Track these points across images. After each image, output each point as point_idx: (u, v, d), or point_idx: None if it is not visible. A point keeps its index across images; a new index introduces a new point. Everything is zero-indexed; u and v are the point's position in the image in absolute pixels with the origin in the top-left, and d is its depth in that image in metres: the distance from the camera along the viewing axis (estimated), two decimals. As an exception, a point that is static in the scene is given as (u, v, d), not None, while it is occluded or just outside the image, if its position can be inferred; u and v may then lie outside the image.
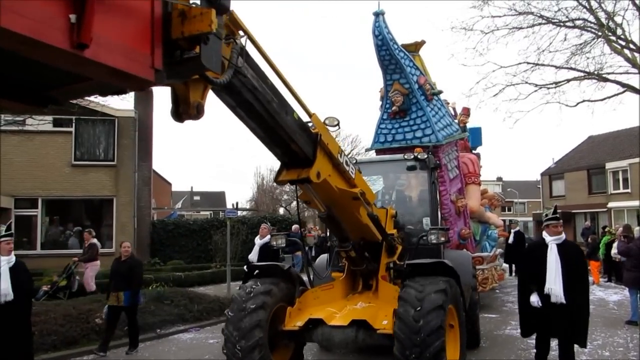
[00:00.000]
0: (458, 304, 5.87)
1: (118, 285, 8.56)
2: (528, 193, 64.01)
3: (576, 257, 6.51)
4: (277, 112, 4.30)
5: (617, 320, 10.67)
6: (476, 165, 12.61)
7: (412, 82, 10.22)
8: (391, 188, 9.12)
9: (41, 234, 19.50)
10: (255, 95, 3.99)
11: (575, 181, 38.85)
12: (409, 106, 10.39)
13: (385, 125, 10.75)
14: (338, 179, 5.36)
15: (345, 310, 6.17)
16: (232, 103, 4.04)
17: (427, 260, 6.09)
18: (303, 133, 4.77)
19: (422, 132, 10.44)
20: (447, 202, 10.32)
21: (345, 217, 5.92)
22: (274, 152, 4.89)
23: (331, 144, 5.14)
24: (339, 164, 5.31)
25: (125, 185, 20.01)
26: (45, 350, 8.43)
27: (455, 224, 10.36)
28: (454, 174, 11.05)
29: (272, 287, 5.99)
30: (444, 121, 11.01)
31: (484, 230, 12.95)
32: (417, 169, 8.04)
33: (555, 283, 6.17)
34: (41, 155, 19.00)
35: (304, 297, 6.29)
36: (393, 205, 8.09)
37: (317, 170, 4.87)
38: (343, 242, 6.27)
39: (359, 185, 5.73)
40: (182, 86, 3.31)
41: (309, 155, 4.86)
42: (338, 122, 5.19)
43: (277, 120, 4.32)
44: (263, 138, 4.61)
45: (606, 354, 8.04)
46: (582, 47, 19.21)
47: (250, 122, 4.35)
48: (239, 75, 3.71)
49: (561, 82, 20.01)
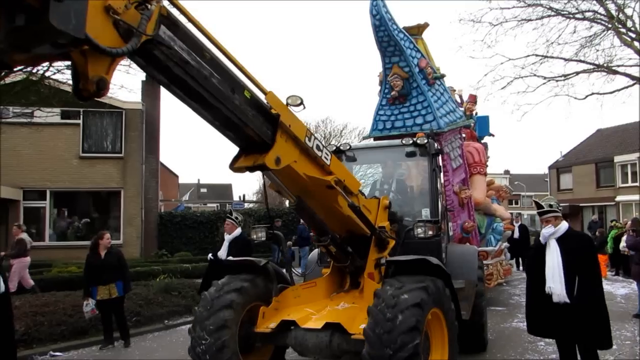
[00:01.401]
0: (445, 307, 5.19)
1: (109, 277, 8.30)
2: (535, 186, 63.78)
3: (582, 248, 5.71)
4: (219, 89, 3.81)
5: (624, 314, 10.63)
6: (482, 155, 11.95)
7: (413, 65, 9.61)
8: (391, 177, 8.33)
9: (49, 226, 19.65)
10: (187, 71, 3.52)
11: (583, 174, 38.71)
12: (409, 91, 9.83)
13: (384, 111, 10.17)
14: (307, 165, 4.82)
15: (325, 311, 5.62)
16: (163, 80, 3.59)
17: (407, 257, 5.48)
18: (258, 114, 4.23)
19: (423, 118, 9.89)
20: (450, 194, 9.78)
21: (320, 208, 5.38)
22: (227, 136, 4.40)
23: (295, 126, 4.56)
24: (308, 148, 4.73)
25: (133, 177, 20.09)
26: (55, 340, 8.51)
27: (459, 217, 9.86)
28: (457, 164, 10.39)
29: (244, 284, 5.45)
30: (447, 107, 10.42)
31: (490, 223, 12.32)
32: (417, 156, 7.39)
33: (555, 281, 5.56)
34: (49, 147, 19.11)
35: (283, 296, 5.72)
36: (391, 196, 7.70)
37: (277, 156, 4.35)
38: (321, 236, 5.68)
39: (336, 173, 5.14)
40: (81, 58, 2.89)
41: (267, 139, 4.33)
42: (302, 101, 4.52)
43: (219, 99, 3.84)
44: (210, 121, 4.12)
45: (614, 347, 8.00)
46: (591, 39, 19.02)
47: (190, 103, 3.86)
48: (162, 47, 3.28)
49: (570, 75, 19.86)
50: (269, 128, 4.34)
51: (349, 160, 7.81)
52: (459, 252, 7.46)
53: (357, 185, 5.72)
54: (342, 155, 7.77)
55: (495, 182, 14.38)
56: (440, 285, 5.07)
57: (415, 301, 4.58)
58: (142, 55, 3.28)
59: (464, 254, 7.47)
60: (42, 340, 8.39)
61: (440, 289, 5.03)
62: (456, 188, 10.04)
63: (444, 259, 6.92)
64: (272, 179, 4.90)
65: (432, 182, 7.24)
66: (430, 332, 5.06)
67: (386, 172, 8.46)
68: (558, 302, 5.53)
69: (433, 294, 4.85)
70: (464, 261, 7.20)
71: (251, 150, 4.43)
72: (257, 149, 4.37)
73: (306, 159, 4.80)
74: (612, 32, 18.62)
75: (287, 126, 4.45)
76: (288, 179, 4.87)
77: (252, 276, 5.66)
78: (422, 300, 4.61)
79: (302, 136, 4.64)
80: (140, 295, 10.65)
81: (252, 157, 4.41)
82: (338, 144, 7.87)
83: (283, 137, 4.45)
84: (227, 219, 8.87)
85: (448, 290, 5.28)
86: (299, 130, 4.62)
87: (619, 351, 7.75)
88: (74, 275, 12.83)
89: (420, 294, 4.67)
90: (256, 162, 4.35)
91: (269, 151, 4.30)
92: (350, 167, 7.70)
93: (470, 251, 7.77)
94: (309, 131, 4.78)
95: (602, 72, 19.51)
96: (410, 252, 6.03)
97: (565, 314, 5.51)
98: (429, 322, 4.95)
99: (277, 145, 4.36)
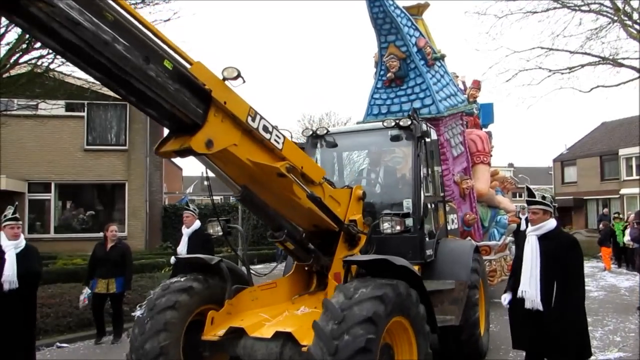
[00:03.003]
0: (412, 314, 4.50)
1: (109, 271, 8.14)
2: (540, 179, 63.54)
3: (565, 251, 4.94)
4: (126, 58, 3.21)
5: (628, 306, 10.64)
6: (485, 143, 11.06)
7: (410, 45, 8.91)
8: (377, 164, 7.32)
9: (54, 218, 19.73)
10: (79, 34, 2.98)
11: (588, 167, 38.61)
12: (407, 72, 9.15)
13: (380, 94, 9.50)
14: (252, 149, 4.19)
15: (281, 317, 4.95)
16: (54, 46, 3.10)
17: (366, 257, 4.94)
18: (183, 88, 3.62)
19: (421, 102, 9.21)
20: (450, 184, 9.29)
21: (275, 200, 4.75)
22: (150, 115, 3.84)
23: (233, 103, 3.93)
24: (251, 129, 4.10)
25: (137, 169, 20.13)
26: (61, 331, 8.58)
27: (459, 208, 9.31)
28: (459, 151, 9.84)
29: (192, 284, 4.88)
30: (447, 90, 9.70)
31: (493, 216, 11.53)
32: (403, 139, 6.47)
33: (530, 284, 4.89)
34: (54, 139, 19.14)
35: (239, 298, 5.04)
36: (377, 185, 7.03)
37: (207, 138, 3.75)
38: (276, 231, 4.98)
39: (290, 158, 4.48)
40: None
41: (198, 118, 3.74)
42: (239, 74, 3.83)
43: (127, 69, 3.24)
44: (124, 96, 3.53)
45: (617, 339, 8.03)
46: (597, 31, 18.93)
47: (94, 73, 3.31)
48: (39, 3, 2.78)
49: (575, 67, 19.79)
50: (199, 106, 3.74)
51: (329, 146, 7.06)
52: (451, 248, 6.72)
53: (319, 172, 5.00)
54: (321, 141, 7.06)
55: (499, 172, 13.39)
56: (403, 289, 4.38)
57: (367, 315, 3.92)
58: (21, 15, 2.83)
59: (456, 251, 6.69)
60: (48, 332, 8.47)
61: (403, 295, 4.36)
62: (457, 178, 9.55)
63: (431, 256, 6.33)
64: (209, 166, 4.25)
65: (415, 170, 6.31)
66: (394, 344, 4.51)
67: (372, 158, 7.50)
68: (530, 308, 4.88)
69: (392, 302, 4.20)
70: (456, 259, 6.48)
71: (181, 131, 3.82)
72: (187, 131, 3.77)
73: (250, 142, 4.18)
74: (617, 24, 18.52)
75: (222, 103, 3.83)
76: (229, 166, 4.26)
77: (205, 275, 5.09)
78: (375, 314, 3.95)
79: (242, 115, 4.02)
80: (145, 287, 10.69)
81: (180, 140, 3.81)
82: None
83: (218, 117, 3.85)
84: (185, 211, 8.21)
85: (416, 294, 4.59)
86: (239, 108, 4.00)
87: (623, 343, 7.77)
88: (79, 268, 12.89)
89: (374, 306, 4.00)
90: (183, 145, 3.75)
91: (198, 132, 3.71)
92: (332, 154, 7.20)
93: (465, 247, 6.86)
94: (253, 109, 4.13)
95: (607, 64, 19.43)
96: (386, 248, 5.46)
97: (537, 323, 4.88)
98: (392, 334, 4.44)
99: (209, 126, 3.77)
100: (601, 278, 15.32)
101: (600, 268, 17.38)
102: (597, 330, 8.53)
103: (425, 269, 6.30)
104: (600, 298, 11.87)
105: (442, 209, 7.26)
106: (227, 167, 4.27)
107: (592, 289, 13.07)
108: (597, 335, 8.17)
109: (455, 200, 9.21)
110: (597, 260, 18.82)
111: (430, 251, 6.33)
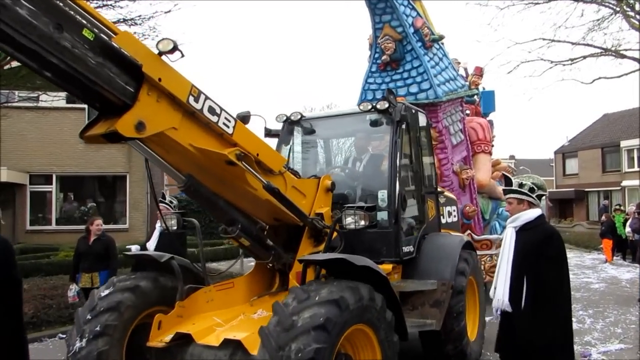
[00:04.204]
0: (375, 321, 4.03)
1: (92, 265, 7.79)
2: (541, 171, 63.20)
3: (541, 245, 4.27)
4: (31, 24, 2.79)
5: (629, 298, 10.66)
6: (487, 132, 10.44)
7: (407, 25, 8.32)
8: (357, 152, 6.62)
9: (56, 210, 19.76)
10: None
11: (589, 159, 38.54)
12: (403, 55, 8.54)
13: (374, 79, 8.86)
14: (195, 133, 3.71)
15: (235, 321, 4.47)
16: None
17: (322, 256, 4.49)
18: (108, 62, 3.15)
19: (418, 86, 8.58)
20: (449, 173, 8.85)
21: (224, 191, 4.29)
22: (73, 94, 3.43)
23: (171, 80, 3.44)
24: (195, 111, 3.62)
25: (138, 161, 20.09)
26: (63, 323, 8.60)
27: (459, 200, 8.75)
28: (458, 140, 9.33)
29: (140, 283, 4.44)
30: (446, 74, 9.09)
31: (495, 208, 10.82)
32: (384, 124, 5.84)
33: (499, 282, 4.39)
34: (55, 131, 19.13)
35: (192, 299, 4.54)
36: (355, 177, 6.30)
37: (138, 120, 3.26)
38: (228, 225, 4.48)
39: (243, 144, 3.98)
40: None
41: (127, 97, 3.27)
42: (175, 46, 3.32)
43: (32, 38, 2.81)
44: (37, 70, 3.09)
45: (619, 331, 8.04)
46: (599, 22, 18.86)
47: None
48: None
49: (577, 59, 19.76)
50: (129, 83, 3.28)
51: (305, 132, 6.58)
52: (436, 244, 5.99)
53: (279, 160, 4.49)
54: (297, 128, 6.55)
55: (501, 161, 12.39)
56: (365, 293, 3.93)
57: (318, 322, 3.48)
58: None
59: (442, 247, 5.96)
60: (50, 323, 8.50)
61: (365, 299, 3.89)
62: (456, 167, 9.11)
63: (410, 252, 5.67)
64: (146, 152, 3.81)
65: (392, 157, 5.61)
66: (355, 354, 4.08)
67: (351, 145, 6.90)
68: (497, 308, 4.40)
69: (351, 307, 3.73)
70: (441, 256, 5.79)
71: (112, 113, 3.32)
72: (116, 112, 3.27)
73: (193, 126, 3.70)
74: (620, 15, 18.46)
75: (156, 80, 3.33)
76: (170, 153, 3.82)
77: (156, 274, 4.66)
78: (327, 321, 3.50)
79: (182, 94, 3.53)
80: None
81: (108, 122, 3.30)
82: None
83: (152, 96, 3.37)
84: (160, 204, 7.47)
85: (382, 298, 4.12)
86: (178, 86, 3.50)
87: (623, 335, 7.78)
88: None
89: (328, 311, 3.55)
90: (109, 128, 3.26)
91: (126, 113, 3.23)
92: (309, 141, 6.69)
93: (452, 242, 6.11)
94: (196, 88, 3.62)
95: (609, 55, 19.38)
96: (359, 244, 5.08)
97: (505, 326, 4.42)
98: (352, 343, 4.02)
99: (140, 106, 3.29)
100: (602, 270, 15.34)
101: (601, 260, 17.40)
102: (598, 322, 8.55)
103: (406, 267, 5.75)
104: (601, 290, 11.88)
105: (432, 201, 6.49)
106: (170, 155, 3.86)
107: (593, 281, 13.11)
108: (597, 327, 8.20)
109: (455, 192, 8.76)
110: (598, 252, 18.84)
111: (409, 248, 5.67)
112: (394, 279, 5.44)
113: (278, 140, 6.55)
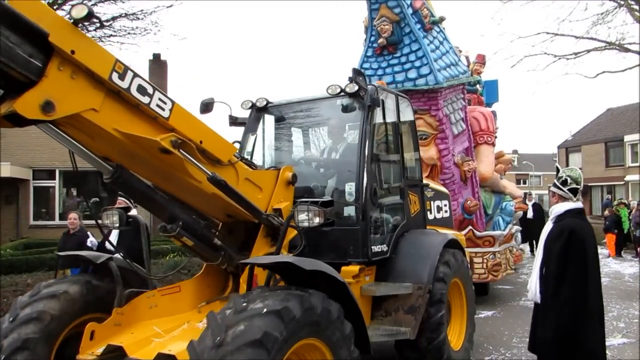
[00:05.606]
0: (329, 333, 3.51)
1: (65, 262, 7.24)
2: (544, 166, 63.41)
3: (555, 239, 4.29)
4: None
5: (632, 293, 10.67)
6: (490, 122, 9.89)
7: (405, 6, 7.77)
8: (337, 140, 5.93)
9: (59, 205, 19.80)
10: None
11: (593, 154, 38.41)
12: (400, 38, 8.00)
13: (370, 64, 8.34)
14: (121, 116, 3.22)
15: (177, 331, 3.97)
16: None
17: (267, 259, 3.97)
18: (6, 31, 2.67)
19: (417, 71, 8.07)
20: (450, 165, 8.42)
21: (162, 183, 3.85)
22: None
23: (87, 53, 2.94)
24: (120, 90, 3.13)
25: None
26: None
27: (460, 194, 8.50)
28: (460, 129, 8.83)
29: (68, 289, 3.97)
30: (447, 59, 8.57)
31: (498, 203, 10.33)
32: (356, 110, 5.25)
33: (533, 274, 4.47)
34: (58, 126, 19.15)
35: (133, 305, 4.07)
36: (324, 168, 5.81)
37: (45, 99, 2.80)
38: (169, 223, 3.96)
39: (182, 129, 3.49)
40: None
41: (31, 73, 2.79)
42: (90, 12, 2.86)
43: None
44: None
45: (621, 325, 8.05)
46: (603, 16, 18.79)
47: None
48: None
49: (581, 53, 19.72)
50: (35, 56, 2.79)
51: (274, 120, 6.05)
52: (415, 243, 5.43)
53: (228, 149, 3.96)
54: (264, 115, 6.02)
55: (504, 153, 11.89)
56: (317, 302, 3.42)
57: (255, 336, 2.98)
58: None
59: (420, 246, 5.39)
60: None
61: (315, 309, 3.38)
62: (458, 159, 8.73)
63: (383, 252, 5.15)
64: (65, 140, 3.29)
65: (361, 146, 5.04)
66: None
67: (321, 133, 6.32)
68: (530, 299, 4.54)
69: (297, 319, 3.22)
70: (419, 256, 5.23)
71: (18, 92, 2.84)
72: (21, 89, 2.82)
73: (119, 107, 3.21)
74: (624, 9, 18.38)
75: (69, 53, 2.85)
76: (95, 140, 3.32)
77: (90, 277, 4.20)
78: (265, 335, 3.00)
79: (104, 70, 3.03)
80: (150, 274, 10.76)
81: (10, 102, 2.82)
82: None
83: (64, 71, 2.90)
84: (119, 198, 6.74)
85: (338, 307, 3.60)
86: (98, 61, 3.01)
87: (626, 329, 7.78)
88: (84, 254, 12.97)
89: (267, 324, 3.05)
90: (9, 109, 2.80)
91: (28, 90, 2.78)
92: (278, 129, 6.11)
93: (432, 241, 5.54)
94: (122, 63, 3.12)
95: (613, 49, 19.31)
96: (324, 243, 4.68)
97: (535, 317, 4.49)
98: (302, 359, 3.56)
99: (48, 82, 2.83)
100: (605, 265, 15.32)
101: (604, 255, 17.38)
102: (601, 316, 8.53)
103: (380, 268, 5.22)
104: (604, 284, 11.71)
105: (416, 195, 5.96)
106: (95, 142, 3.36)
107: (596, 276, 13.07)
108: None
109: (455, 185, 8.40)
110: (602, 247, 18.81)
111: (382, 247, 5.16)
112: (364, 282, 4.96)
113: (244, 129, 6.05)
